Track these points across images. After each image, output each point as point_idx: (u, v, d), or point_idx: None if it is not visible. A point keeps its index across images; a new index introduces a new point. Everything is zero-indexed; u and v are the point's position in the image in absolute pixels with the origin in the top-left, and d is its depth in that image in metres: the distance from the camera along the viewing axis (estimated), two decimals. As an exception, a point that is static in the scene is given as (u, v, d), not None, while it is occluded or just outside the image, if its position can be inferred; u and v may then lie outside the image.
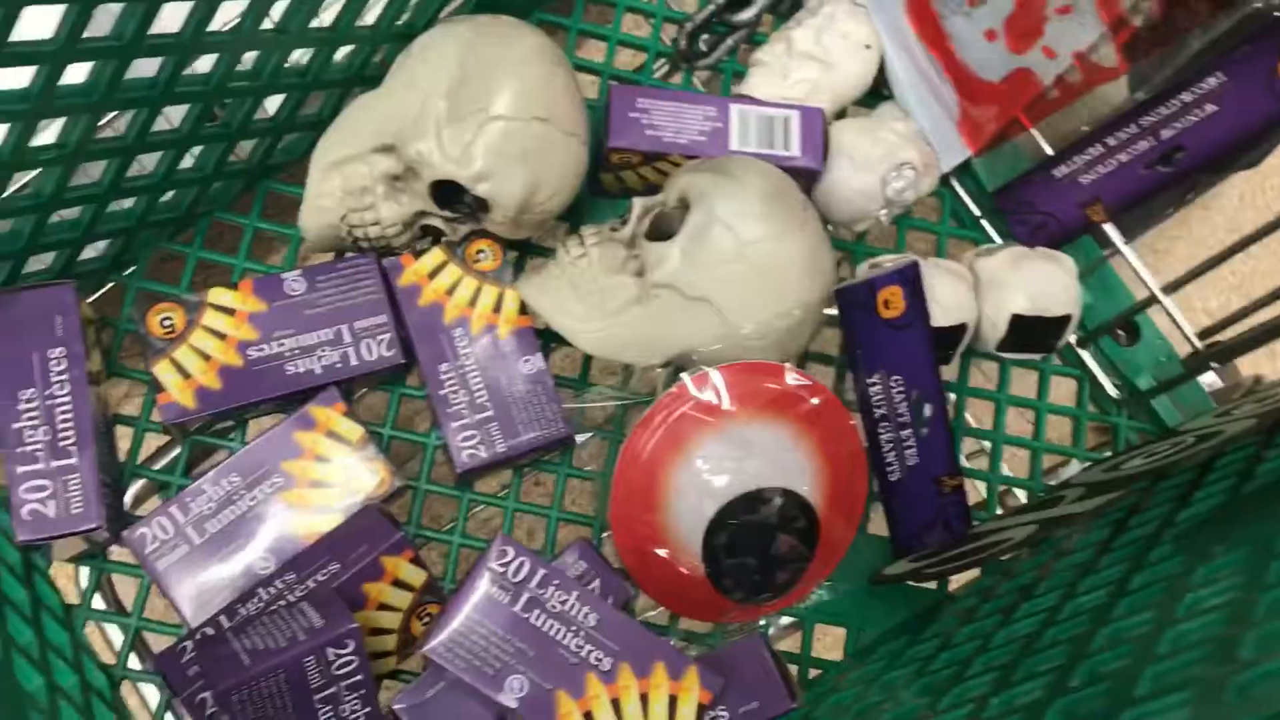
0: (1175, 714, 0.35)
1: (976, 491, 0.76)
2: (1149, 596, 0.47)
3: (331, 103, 0.70)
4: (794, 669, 0.69)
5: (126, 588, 0.66)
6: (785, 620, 0.72)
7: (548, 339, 0.71)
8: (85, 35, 0.50)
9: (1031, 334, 0.72)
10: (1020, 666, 0.48)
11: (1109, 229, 0.74)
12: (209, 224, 0.71)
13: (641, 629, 0.58)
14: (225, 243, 0.73)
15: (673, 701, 0.58)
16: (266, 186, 0.72)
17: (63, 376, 0.60)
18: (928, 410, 0.68)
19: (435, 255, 0.68)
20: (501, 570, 0.57)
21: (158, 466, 0.68)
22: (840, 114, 0.78)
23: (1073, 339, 0.78)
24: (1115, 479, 0.63)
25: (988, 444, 0.77)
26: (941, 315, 0.69)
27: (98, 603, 0.65)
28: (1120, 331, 0.79)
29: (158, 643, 0.64)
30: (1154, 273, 0.74)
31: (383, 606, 0.61)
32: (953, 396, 0.75)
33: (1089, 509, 0.61)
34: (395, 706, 0.59)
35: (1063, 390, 0.79)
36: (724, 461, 0.65)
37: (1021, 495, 0.78)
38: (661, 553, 0.65)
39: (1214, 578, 0.44)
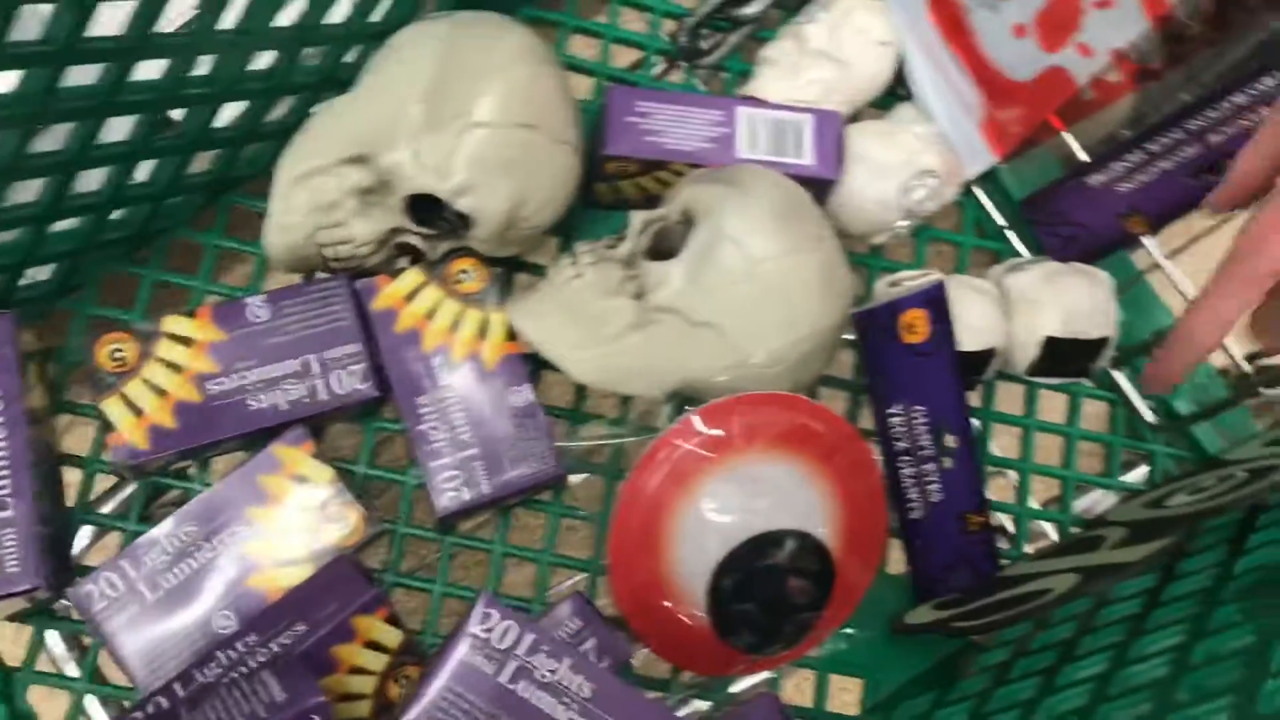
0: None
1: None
2: (1222, 677, 0.41)
3: (300, 109, 0.64)
4: (808, 726, 0.63)
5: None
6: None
7: (539, 365, 0.65)
8: (12, 39, 0.44)
9: (1067, 357, 0.66)
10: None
11: (1149, 243, 0.68)
12: (167, 243, 0.65)
13: (643, 700, 0.52)
14: (186, 262, 0.66)
15: (678, 779, 0.52)
16: (229, 201, 0.66)
17: (-3, 418, 0.54)
18: (951, 441, 0.62)
19: (413, 276, 0.62)
20: (485, 636, 0.51)
21: (109, 507, 0.62)
22: (854, 117, 0.72)
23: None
24: (1160, 519, 0.57)
25: (1012, 474, 0.71)
26: (969, 339, 0.63)
27: (44, 664, 0.59)
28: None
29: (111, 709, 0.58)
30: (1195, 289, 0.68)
31: (355, 670, 0.55)
32: (976, 423, 0.69)
33: (1138, 557, 0.55)
34: (369, 783, 0.53)
35: (1090, 414, 0.74)
36: (731, 501, 0.59)
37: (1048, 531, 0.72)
38: (664, 602, 0.60)
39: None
